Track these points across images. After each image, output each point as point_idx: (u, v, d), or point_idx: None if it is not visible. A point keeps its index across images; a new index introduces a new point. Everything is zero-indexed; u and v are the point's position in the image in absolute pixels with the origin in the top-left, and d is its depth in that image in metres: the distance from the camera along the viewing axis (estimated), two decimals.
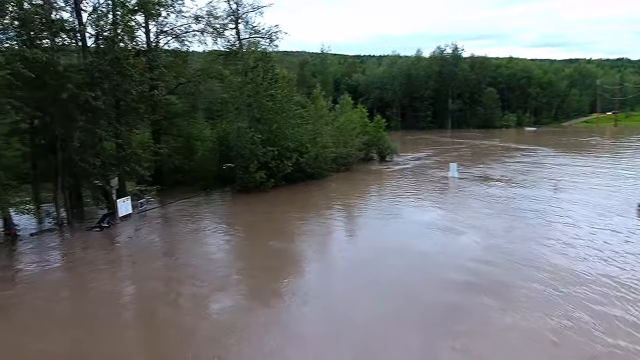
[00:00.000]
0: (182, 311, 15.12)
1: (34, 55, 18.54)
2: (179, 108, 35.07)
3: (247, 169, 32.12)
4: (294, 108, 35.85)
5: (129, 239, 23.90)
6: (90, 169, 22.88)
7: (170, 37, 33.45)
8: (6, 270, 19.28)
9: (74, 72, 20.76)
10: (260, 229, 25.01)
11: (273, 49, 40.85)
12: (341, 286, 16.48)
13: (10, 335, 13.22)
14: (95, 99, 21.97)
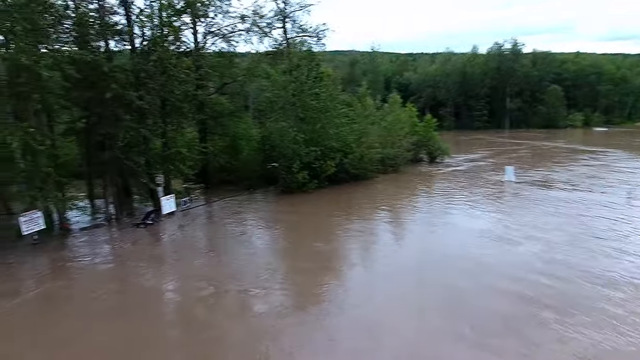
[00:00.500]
0: (219, 311, 15.01)
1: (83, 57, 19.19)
2: (224, 107, 35.31)
3: (289, 169, 31.64)
4: (338, 107, 34.85)
5: (173, 236, 24.27)
6: (135, 168, 23.39)
7: (218, 37, 33.75)
8: (58, 261, 20.25)
9: (119, 73, 21.30)
10: (302, 230, 24.52)
11: (320, 47, 40.58)
12: (383, 294, 15.58)
13: (60, 323, 14.12)
14: (141, 99, 22.47)
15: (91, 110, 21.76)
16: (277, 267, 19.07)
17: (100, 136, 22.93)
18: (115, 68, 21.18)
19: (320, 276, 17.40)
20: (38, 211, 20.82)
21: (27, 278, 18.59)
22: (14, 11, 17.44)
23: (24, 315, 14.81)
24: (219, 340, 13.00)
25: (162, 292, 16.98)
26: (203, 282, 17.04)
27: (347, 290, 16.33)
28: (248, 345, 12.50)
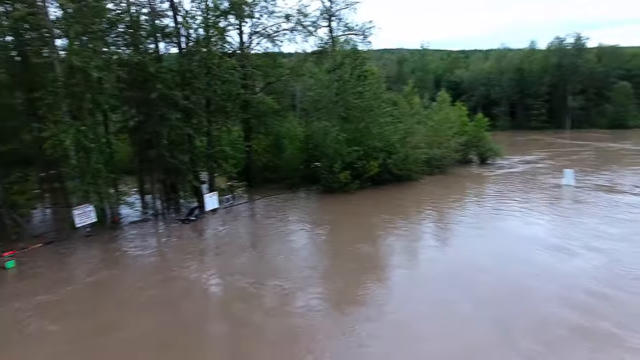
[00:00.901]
0: (257, 307, 15.09)
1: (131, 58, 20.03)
2: (268, 107, 35.60)
3: (331, 169, 31.25)
4: (383, 106, 33.94)
5: (215, 232, 24.70)
6: (179, 165, 24.05)
7: (263, 37, 34.04)
8: (109, 253, 21.43)
9: (165, 73, 21.96)
10: (344, 230, 24.13)
11: (366, 45, 39.87)
12: (422, 300, 14.93)
13: (108, 310, 15.00)
14: (186, 99, 23.08)
15: (139, 109, 22.64)
16: (317, 266, 18.91)
17: (148, 134, 23.84)
18: (161, 69, 21.92)
19: (360, 277, 17.06)
20: (90, 205, 21.97)
21: (80, 267, 19.79)
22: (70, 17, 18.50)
23: (76, 301, 15.85)
24: (254, 336, 13.14)
25: (204, 285, 17.40)
26: (244, 278, 17.31)
27: (386, 294, 15.83)
28: (283, 343, 12.55)
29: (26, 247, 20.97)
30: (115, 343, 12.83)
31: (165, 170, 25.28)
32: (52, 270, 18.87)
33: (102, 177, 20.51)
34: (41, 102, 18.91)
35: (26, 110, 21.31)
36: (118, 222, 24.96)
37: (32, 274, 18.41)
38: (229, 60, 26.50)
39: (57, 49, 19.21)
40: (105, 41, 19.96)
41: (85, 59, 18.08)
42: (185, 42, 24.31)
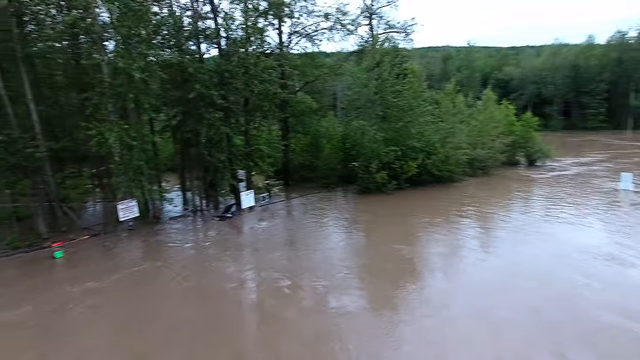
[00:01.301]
0: (290, 303, 15.18)
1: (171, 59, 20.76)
2: (306, 106, 35.69)
3: (368, 169, 30.78)
4: (422, 105, 32.95)
5: (252, 229, 25.08)
6: (216, 163, 24.58)
7: (302, 36, 34.17)
8: (150, 246, 22.40)
9: (204, 74, 22.51)
10: (382, 231, 23.65)
11: (408, 43, 39.06)
12: (459, 306, 14.32)
13: (148, 299, 15.81)
14: (224, 98, 23.55)
15: (179, 109, 23.39)
16: (353, 265, 18.71)
17: (188, 133, 24.58)
18: (200, 69, 22.50)
19: (396, 279, 16.72)
20: (133, 200, 22.97)
21: (124, 258, 20.82)
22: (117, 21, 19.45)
23: (121, 289, 16.75)
24: (286, 333, 13.23)
25: (240, 280, 17.73)
26: (279, 274, 17.48)
27: (422, 297, 15.32)
28: (314, 342, 12.54)
29: (74, 238, 22.30)
30: (151, 331, 13.46)
31: (204, 168, 25.99)
32: (98, 260, 19.94)
33: (143, 173, 21.35)
34: (89, 102, 20.00)
35: (79, 109, 22.60)
36: (159, 218, 25.95)
37: (79, 263, 19.57)
38: (267, 60, 26.74)
39: (106, 51, 20.21)
40: (149, 44, 20.70)
41: (128, 61, 18.92)
42: (224, 43, 24.79)
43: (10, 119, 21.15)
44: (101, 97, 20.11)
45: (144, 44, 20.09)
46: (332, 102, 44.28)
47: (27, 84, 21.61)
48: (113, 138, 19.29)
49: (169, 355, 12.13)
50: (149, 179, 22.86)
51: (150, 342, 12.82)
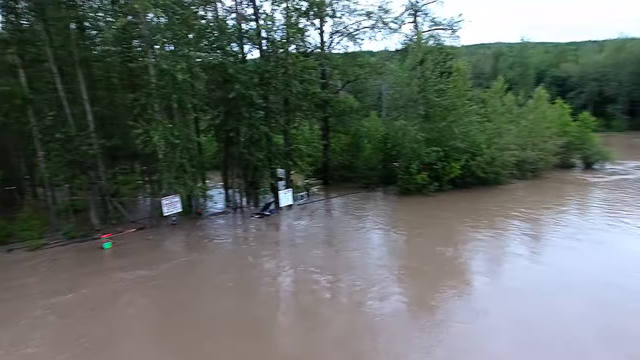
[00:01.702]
0: (326, 301, 15.37)
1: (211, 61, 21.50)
2: (347, 105, 35.51)
3: (408, 170, 30.09)
4: (467, 104, 31.69)
5: (290, 226, 25.41)
6: (255, 162, 25.07)
7: (343, 36, 34.03)
8: (193, 240, 23.40)
9: (243, 74, 23.02)
10: (421, 232, 23.19)
11: (455, 40, 37.92)
12: (498, 314, 13.71)
13: (186, 289, 16.67)
14: (263, 98, 23.98)
15: (220, 109, 24.14)
16: (392, 265, 18.45)
17: (229, 132, 25.28)
18: (240, 70, 23.05)
19: (435, 281, 16.36)
20: (177, 196, 23.97)
21: (169, 251, 21.96)
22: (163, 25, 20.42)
23: (167, 278, 17.94)
24: (318, 328, 13.32)
25: (277, 274, 18.16)
26: (316, 271, 17.68)
27: (461, 302, 14.80)
28: (345, 339, 12.54)
29: (122, 231, 23.65)
30: (193, 317, 14.19)
31: (244, 167, 26.59)
32: (145, 251, 21.08)
33: (186, 171, 22.23)
34: (137, 102, 21.14)
35: (130, 109, 23.95)
36: (201, 214, 26.91)
37: (128, 253, 20.78)
38: (307, 60, 26.91)
39: (153, 54, 21.23)
40: (193, 46, 21.51)
41: (172, 63, 19.78)
42: (265, 44, 25.19)
43: (68, 118, 22.81)
44: (148, 97, 21.17)
45: (187, 46, 20.89)
46: (375, 101, 43.71)
47: (83, 85, 23.20)
48: (157, 137, 20.25)
49: (207, 340, 12.65)
50: (192, 177, 23.78)
51: (191, 328, 13.50)
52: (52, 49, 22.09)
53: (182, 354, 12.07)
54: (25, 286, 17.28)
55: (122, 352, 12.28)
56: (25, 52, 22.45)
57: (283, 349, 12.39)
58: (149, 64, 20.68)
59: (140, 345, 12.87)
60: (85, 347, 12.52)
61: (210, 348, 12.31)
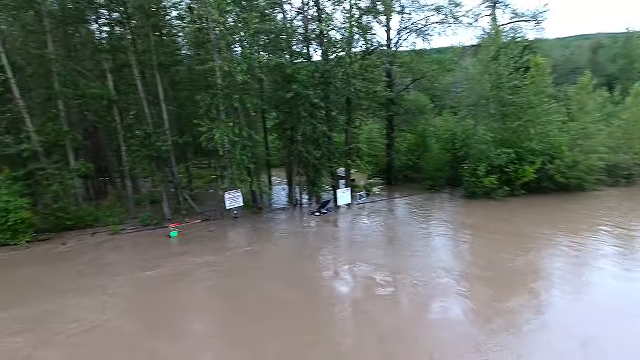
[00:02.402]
0: (378, 299, 15.02)
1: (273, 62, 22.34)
2: (413, 104, 34.51)
3: (475, 172, 28.36)
4: (547, 102, 28.90)
5: (346, 225, 25.40)
6: (312, 160, 25.47)
7: (412, 32, 33.07)
8: (255, 232, 24.54)
9: (302, 74, 23.45)
10: (488, 238, 21.62)
11: (539, 33, 35.11)
12: (568, 337, 12.19)
13: (256, 276, 17.64)
14: (324, 97, 24.26)
15: (280, 108, 24.94)
16: (453, 269, 17.36)
17: (289, 131, 26.01)
18: (299, 70, 23.53)
19: (499, 290, 15.20)
20: (239, 191, 25.31)
21: (231, 241, 23.34)
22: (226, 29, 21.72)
23: (230, 264, 19.11)
24: (367, 325, 13.17)
25: (332, 269, 18.31)
26: (373, 269, 17.46)
27: (526, 316, 13.38)
28: (389, 338, 12.28)
29: (189, 221, 25.59)
30: (251, 302, 15.06)
31: (304, 165, 27.17)
32: (210, 241, 22.57)
33: (245, 167, 23.37)
34: (203, 102, 22.72)
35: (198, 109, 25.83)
36: (262, 209, 28.08)
37: (193, 242, 22.40)
38: (369, 59, 26.67)
39: (219, 56, 22.63)
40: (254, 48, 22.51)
41: (233, 64, 20.91)
42: (325, 44, 25.39)
43: (147, 117, 25.25)
44: (213, 98, 22.63)
45: (249, 48, 21.92)
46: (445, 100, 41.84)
47: (160, 87, 25.51)
48: (219, 135, 21.55)
49: (261, 325, 13.33)
50: (255, 173, 24.97)
51: (244, 309, 14.46)
52: (135, 55, 24.62)
53: (233, 329, 13.19)
54: (107, 265, 19.64)
55: (184, 324, 13.74)
56: (115, 59, 25.31)
57: (327, 342, 12.41)
58: (214, 66, 22.06)
59: (199, 318, 14.29)
60: (152, 317, 14.13)
61: (257, 328, 13.10)
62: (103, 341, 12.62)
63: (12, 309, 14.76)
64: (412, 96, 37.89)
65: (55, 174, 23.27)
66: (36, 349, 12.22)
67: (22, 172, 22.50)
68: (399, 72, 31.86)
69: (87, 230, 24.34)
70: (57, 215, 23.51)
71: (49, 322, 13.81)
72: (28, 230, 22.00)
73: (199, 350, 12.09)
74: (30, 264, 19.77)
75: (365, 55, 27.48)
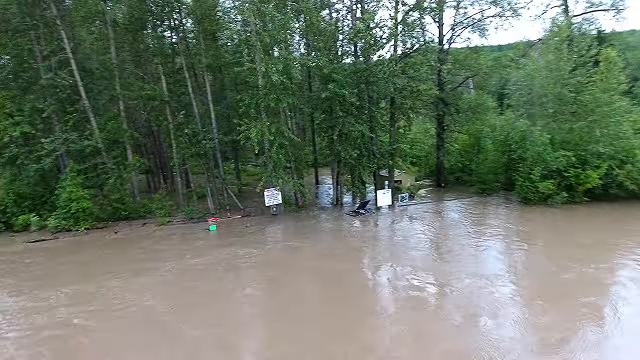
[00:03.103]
0: (412, 301, 14.75)
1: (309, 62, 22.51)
2: (467, 103, 32.70)
3: (529, 176, 26.20)
4: (617, 100, 25.80)
5: (387, 226, 24.85)
6: (349, 159, 25.20)
7: (465, 27, 31.33)
8: (293, 228, 24.97)
9: (338, 73, 23.14)
10: (542, 247, 20.08)
11: (619, 22, 31.63)
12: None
13: (293, 269, 18.43)
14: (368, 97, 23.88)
15: (319, 108, 24.98)
16: (496, 279, 16.17)
17: (328, 130, 25.93)
18: (336, 69, 23.25)
19: (551, 304, 13.97)
20: (277, 188, 25.86)
21: (270, 236, 23.84)
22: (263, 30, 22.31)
23: (270, 255, 20.29)
24: (397, 325, 13.03)
25: (366, 269, 18.27)
26: (411, 272, 17.06)
27: (582, 331, 12.32)
28: (419, 342, 12.13)
29: (230, 216, 26.65)
30: (289, 291, 15.86)
31: (343, 164, 27.00)
32: (247, 235, 23.43)
33: (281, 166, 23.80)
34: (242, 102, 23.49)
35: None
36: (301, 206, 28.38)
37: (231, 235, 23.36)
38: (414, 56, 25.78)
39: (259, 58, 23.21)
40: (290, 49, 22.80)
41: (269, 65, 21.36)
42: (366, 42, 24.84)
43: (195, 117, 26.72)
44: (252, 97, 23.32)
45: (284, 49, 22.25)
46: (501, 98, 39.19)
47: (209, 88, 26.85)
48: (254, 133, 22.16)
49: (300, 309, 14.17)
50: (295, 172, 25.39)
51: (279, 296, 15.52)
52: (187, 58, 26.16)
53: (267, 313, 14.36)
54: (153, 252, 21.36)
55: (220, 307, 14.90)
56: (168, 62, 27.08)
57: (358, 339, 12.39)
58: (251, 67, 22.71)
59: (233, 301, 15.45)
60: (191, 299, 15.57)
61: (289, 314, 13.91)
62: (137, 318, 14.28)
63: (74, 285, 17.19)
64: (471, 95, 35.88)
65: (113, 168, 25.50)
66: (86, 320, 14.34)
67: (84, 165, 24.94)
68: (451, 69, 30.30)
69: (139, 220, 26.42)
70: (114, 205, 25.79)
71: (98, 298, 15.94)
72: (88, 218, 24.42)
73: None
74: (87, 249, 22.04)
75: (411, 52, 26.47)
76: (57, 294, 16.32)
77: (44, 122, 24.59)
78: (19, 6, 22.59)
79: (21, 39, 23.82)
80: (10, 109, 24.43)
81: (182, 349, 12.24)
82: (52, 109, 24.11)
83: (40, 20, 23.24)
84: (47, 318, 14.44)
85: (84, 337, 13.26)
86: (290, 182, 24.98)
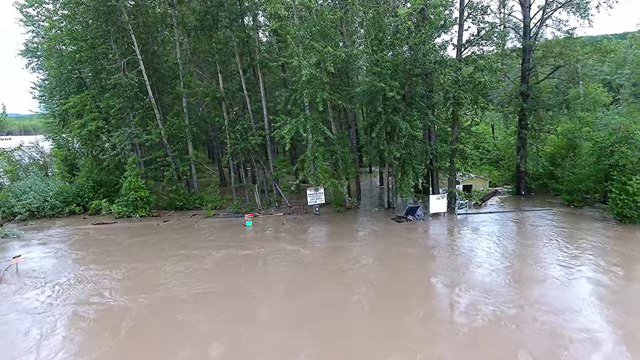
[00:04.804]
0: (463, 316, 13.18)
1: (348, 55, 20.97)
2: (551, 97, 27.64)
3: (625, 187, 20.97)
4: None
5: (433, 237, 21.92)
6: (390, 159, 22.97)
7: (561, 7, 26.25)
8: (335, 229, 23.67)
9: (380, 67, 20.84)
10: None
11: None
12: None
13: (343, 267, 17.80)
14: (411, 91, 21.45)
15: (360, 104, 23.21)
16: (584, 310, 13.41)
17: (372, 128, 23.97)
18: (380, 63, 21.03)
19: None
20: (321, 188, 24.86)
21: (315, 235, 22.74)
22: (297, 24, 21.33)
23: (319, 253, 19.76)
24: (438, 336, 12.07)
25: (412, 281, 16.35)
26: (470, 292, 14.88)
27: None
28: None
29: (272, 213, 26.45)
30: (311, 286, 15.78)
31: (388, 165, 24.85)
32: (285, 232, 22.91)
33: (320, 164, 22.73)
34: (280, 97, 23.02)
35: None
36: (349, 208, 26.90)
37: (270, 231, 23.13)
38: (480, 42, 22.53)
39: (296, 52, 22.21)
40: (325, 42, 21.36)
41: (299, 59, 20.37)
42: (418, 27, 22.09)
43: (248, 113, 27.12)
44: (292, 93, 22.67)
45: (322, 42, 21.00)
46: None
47: (261, 85, 27.01)
48: (287, 130, 21.46)
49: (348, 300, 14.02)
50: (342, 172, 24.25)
51: (309, 290, 15.35)
52: (240, 55, 26.66)
53: (296, 311, 13.96)
54: (196, 241, 22.16)
55: (258, 296, 15.23)
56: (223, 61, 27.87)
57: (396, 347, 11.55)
58: (285, 61, 22.02)
59: (264, 291, 15.58)
60: (228, 286, 16.07)
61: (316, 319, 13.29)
62: (166, 303, 14.77)
63: (129, 264, 18.83)
64: (579, 89, 30.22)
65: (171, 161, 27.23)
66: (128, 296, 15.46)
67: (146, 157, 27.08)
68: (540, 57, 25.61)
69: (192, 212, 27.81)
70: (170, 196, 27.53)
71: (145, 278, 17.14)
72: (145, 207, 26.48)
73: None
74: (140, 234, 23.75)
75: (478, 40, 22.92)
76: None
77: (115, 118, 27.28)
78: (96, 14, 25.21)
79: (97, 43, 26.42)
80: (90, 106, 27.67)
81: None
82: (120, 105, 26.51)
83: (113, 25, 25.71)
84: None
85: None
86: (327, 182, 23.65)
